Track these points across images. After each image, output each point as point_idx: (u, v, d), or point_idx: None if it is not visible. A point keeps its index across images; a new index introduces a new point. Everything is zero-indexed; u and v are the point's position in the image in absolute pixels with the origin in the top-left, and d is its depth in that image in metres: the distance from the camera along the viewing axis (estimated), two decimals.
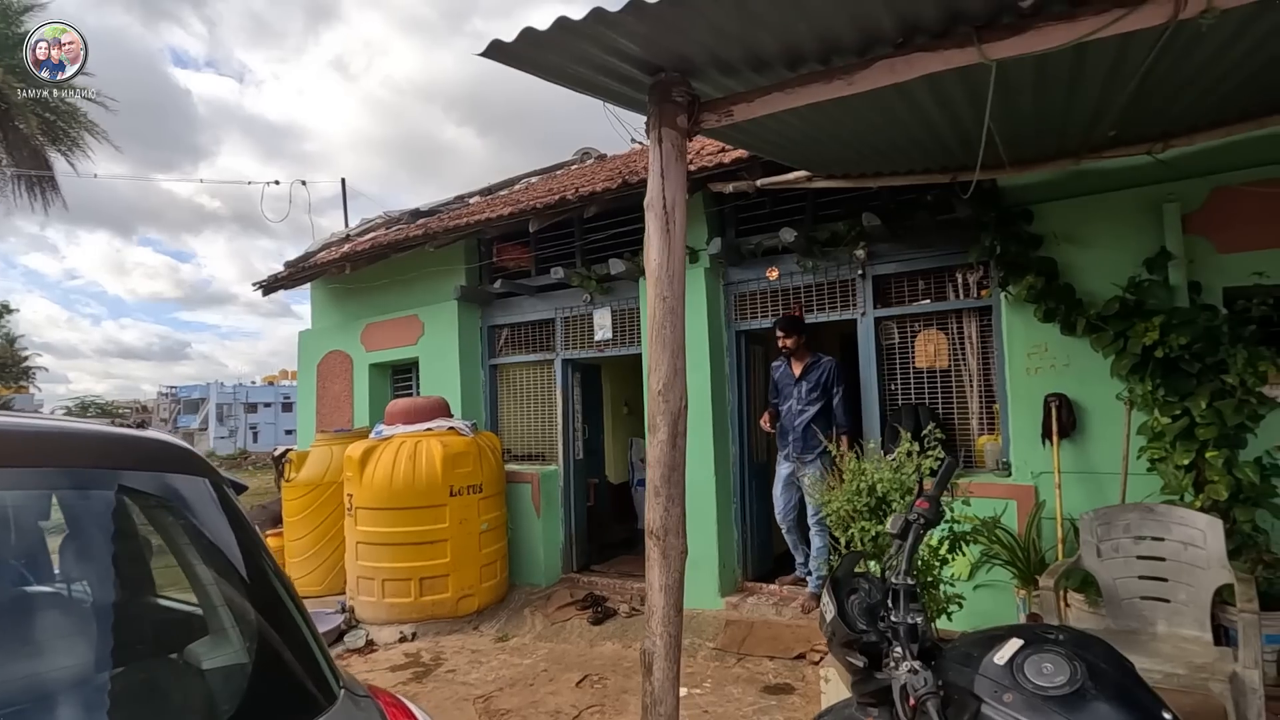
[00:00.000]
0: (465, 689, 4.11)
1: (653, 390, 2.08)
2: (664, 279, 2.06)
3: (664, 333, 2.06)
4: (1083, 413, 4.03)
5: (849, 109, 2.42)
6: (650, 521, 2.07)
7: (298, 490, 6.07)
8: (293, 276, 7.42)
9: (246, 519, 1.22)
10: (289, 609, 1.12)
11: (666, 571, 2.02)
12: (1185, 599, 2.86)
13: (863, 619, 1.87)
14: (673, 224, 2.04)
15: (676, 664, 2.04)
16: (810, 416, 4.77)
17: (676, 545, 2.05)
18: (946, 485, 2.08)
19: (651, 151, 2.07)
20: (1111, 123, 2.98)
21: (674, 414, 2.07)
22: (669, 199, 2.03)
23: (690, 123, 2.09)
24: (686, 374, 2.17)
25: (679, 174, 2.06)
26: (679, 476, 2.08)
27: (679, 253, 2.08)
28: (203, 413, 60.90)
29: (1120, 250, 3.95)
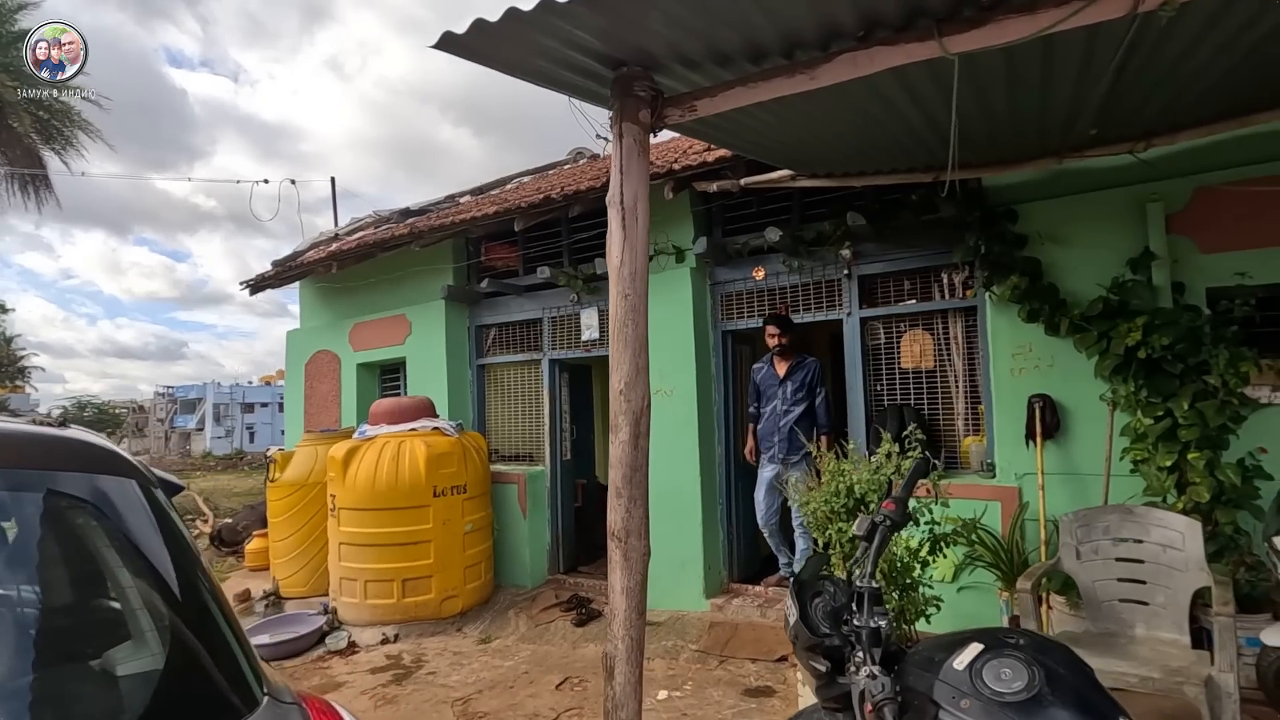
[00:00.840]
0: (444, 691, 4.07)
1: (614, 389, 2.05)
2: (626, 277, 2.03)
3: (626, 331, 2.03)
4: (1066, 414, 4.00)
5: (822, 107, 2.40)
6: (612, 523, 2.04)
7: (282, 491, 6.03)
8: (280, 276, 7.38)
9: (175, 521, 1.19)
10: (213, 613, 1.09)
11: (628, 574, 1.99)
12: (1163, 601, 2.84)
13: (826, 622, 1.84)
14: (634, 221, 2.01)
15: (639, 668, 2.01)
16: (795, 417, 4.76)
17: (638, 547, 2.02)
18: (914, 487, 2.05)
19: (613, 147, 2.04)
20: (1090, 121, 2.95)
21: (636, 413, 2.04)
22: (630, 196, 1.99)
23: (653, 118, 2.06)
24: (649, 374, 2.13)
25: (641, 170, 2.03)
26: (641, 477, 2.05)
27: (641, 250, 2.05)
28: (199, 413, 60.81)
29: (1104, 250, 3.93)
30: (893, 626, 1.78)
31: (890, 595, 3.15)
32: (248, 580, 6.78)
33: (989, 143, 3.34)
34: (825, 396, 4.85)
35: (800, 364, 4.88)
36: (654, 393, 5.38)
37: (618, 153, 2.02)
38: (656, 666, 4.25)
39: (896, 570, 3.12)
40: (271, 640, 4.87)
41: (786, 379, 4.86)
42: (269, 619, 5.36)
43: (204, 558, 1.31)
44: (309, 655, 4.82)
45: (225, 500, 14.76)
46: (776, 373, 4.91)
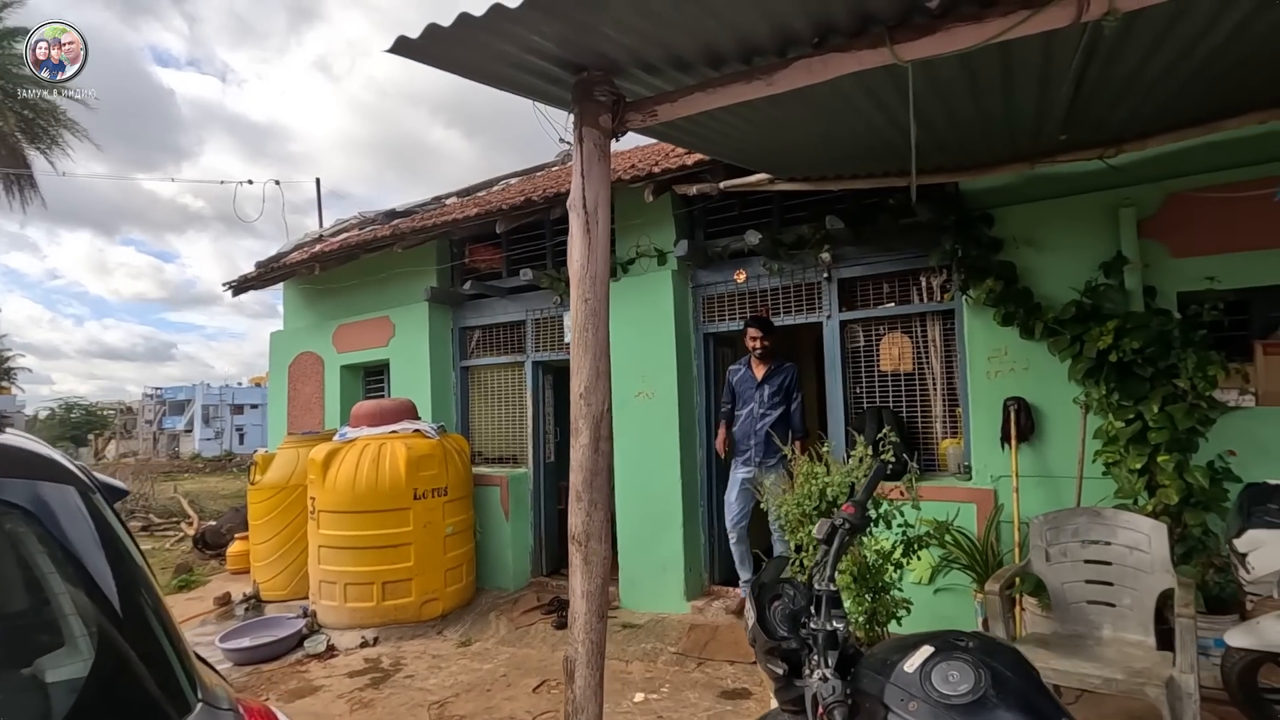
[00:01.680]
0: (421, 695, 4.06)
1: (574, 393, 2.06)
2: (586, 281, 2.03)
3: (586, 335, 2.03)
4: (1041, 416, 4.04)
5: (788, 113, 2.41)
6: (573, 527, 2.04)
7: (263, 493, 6.00)
8: (262, 277, 7.35)
9: (115, 526, 1.18)
10: (148, 619, 1.09)
11: (589, 577, 1.99)
12: (1130, 603, 2.86)
13: (784, 625, 1.85)
14: (595, 225, 2.01)
15: (599, 671, 2.01)
16: (771, 421, 4.74)
17: (599, 551, 2.02)
18: (874, 490, 2.06)
19: (574, 151, 2.04)
20: (1059, 126, 2.98)
21: (596, 418, 2.04)
22: (591, 200, 2.00)
23: (615, 122, 2.07)
24: (610, 378, 2.13)
25: (602, 174, 2.04)
26: (602, 481, 2.06)
27: (602, 255, 2.06)
28: (188, 414, 60.40)
29: (1078, 254, 3.97)
30: (851, 630, 1.79)
31: (863, 598, 3.17)
32: (229, 583, 6.75)
33: (960, 148, 3.36)
34: (801, 402, 4.84)
35: (779, 368, 4.85)
36: (635, 395, 5.44)
37: (578, 157, 2.02)
38: (635, 669, 4.25)
39: (869, 573, 3.14)
40: (251, 644, 4.85)
41: (764, 382, 4.84)
42: (248, 622, 5.33)
43: (146, 562, 1.31)
44: (287, 659, 4.79)
45: (211, 502, 14.65)
46: (754, 375, 4.90)
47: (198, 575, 7.23)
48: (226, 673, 4.57)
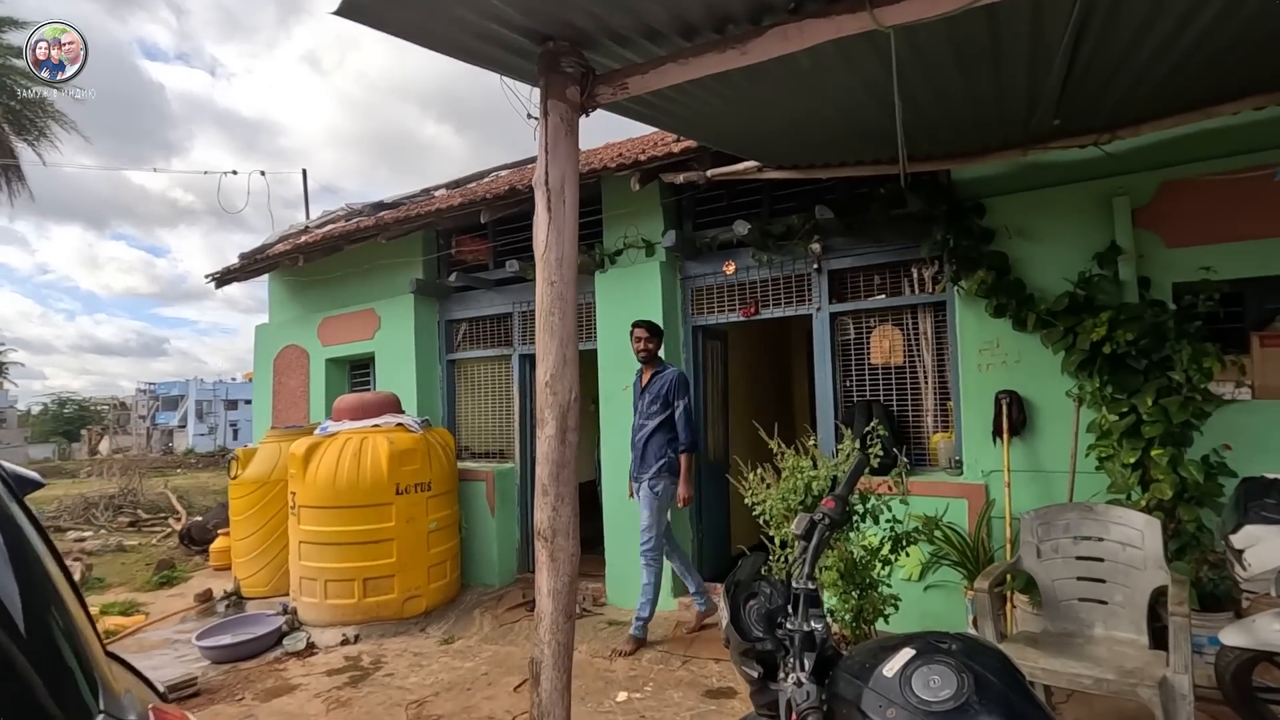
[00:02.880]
0: (400, 693, 3.97)
1: (540, 381, 1.96)
2: (552, 263, 1.94)
3: (552, 320, 1.94)
4: (1033, 410, 3.96)
5: (769, 90, 2.31)
6: (539, 522, 1.95)
7: (244, 488, 5.90)
8: (245, 269, 7.22)
9: (17, 518, 1.09)
10: (49, 623, 0.99)
11: (555, 575, 1.90)
12: (1122, 600, 2.79)
13: (760, 625, 1.76)
14: (561, 204, 1.91)
15: (567, 673, 1.92)
16: (648, 432, 4.39)
17: (566, 548, 1.93)
18: (855, 484, 1.98)
19: (540, 126, 1.95)
20: (1052, 110, 2.89)
21: (563, 407, 1.95)
22: (557, 177, 1.90)
23: (584, 96, 1.97)
24: (578, 365, 2.04)
25: (569, 150, 1.94)
26: (569, 474, 1.96)
27: (569, 235, 1.96)
28: (182, 410, 60.14)
29: (1071, 245, 3.88)
30: (831, 631, 1.71)
31: (849, 595, 3.09)
32: (211, 580, 6.65)
33: (952, 133, 3.28)
34: (686, 410, 4.38)
35: (660, 373, 4.48)
36: (622, 389, 5.34)
37: (543, 132, 1.92)
38: (618, 667, 4.17)
39: (855, 569, 3.06)
40: (228, 642, 4.75)
41: (645, 389, 4.51)
42: (227, 620, 5.23)
43: (61, 561, 1.21)
44: (266, 657, 4.70)
45: (201, 498, 14.52)
46: (640, 382, 4.61)
47: (180, 571, 7.12)
48: (204, 671, 4.48)
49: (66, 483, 19.93)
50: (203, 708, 3.96)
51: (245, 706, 3.94)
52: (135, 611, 5.93)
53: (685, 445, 4.40)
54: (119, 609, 5.91)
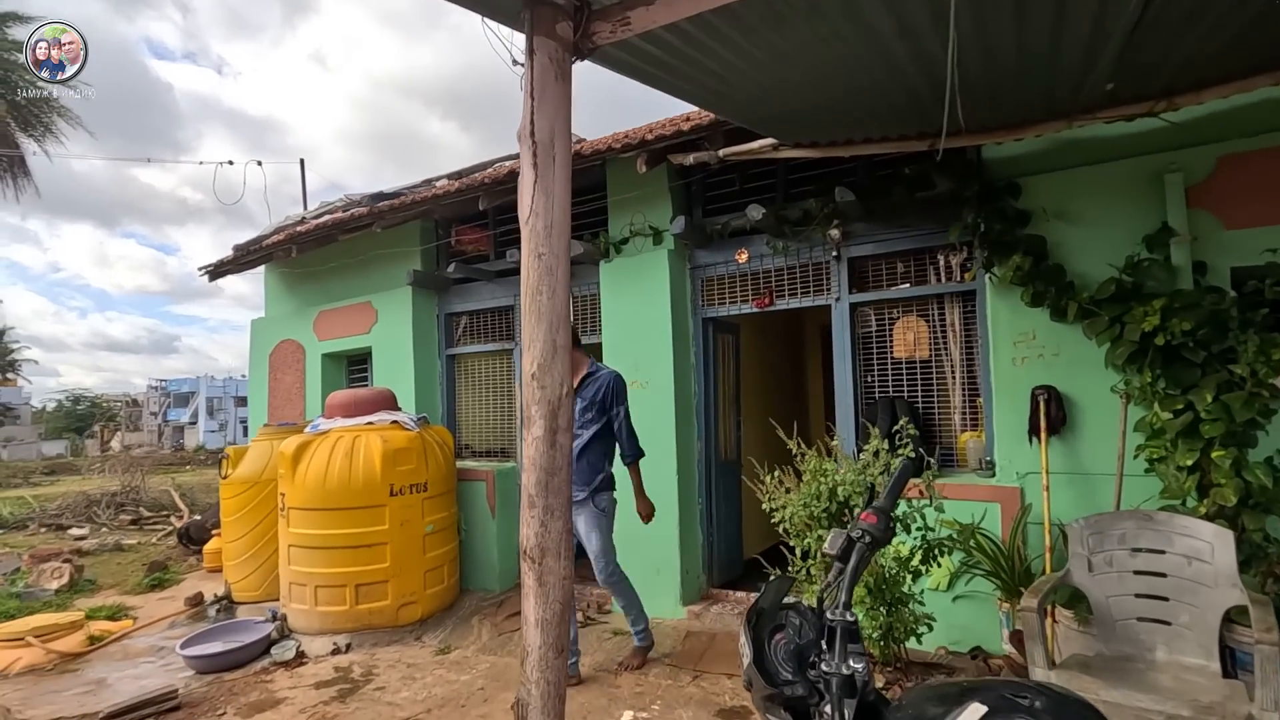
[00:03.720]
0: (390, 710, 3.71)
1: (526, 373, 1.68)
2: (539, 231, 1.65)
3: (539, 300, 1.65)
4: (1074, 407, 3.64)
5: (796, 40, 2.02)
6: (524, 539, 1.67)
7: (235, 488, 5.66)
8: (239, 260, 6.98)
9: None
10: None
11: (544, 603, 1.62)
12: (1189, 621, 2.48)
13: (789, 665, 1.47)
14: (550, 160, 1.63)
15: (559, 717, 1.65)
16: (584, 442, 3.81)
17: (557, 570, 1.65)
18: (900, 494, 1.68)
19: (525, 69, 1.66)
20: (1107, 72, 2.58)
21: (552, 403, 1.67)
22: (544, 129, 1.61)
23: (578, 34, 1.68)
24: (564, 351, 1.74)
25: (559, 98, 1.65)
26: (560, 483, 1.68)
27: (560, 198, 1.67)
28: (193, 406, 60.35)
29: (1117, 227, 3.57)
30: (872, 671, 1.42)
31: (877, 611, 2.79)
32: (204, 582, 6.43)
33: (989, 102, 2.96)
34: (625, 417, 3.87)
35: (592, 376, 3.90)
36: (628, 384, 5.05)
37: (529, 75, 1.64)
38: (624, 682, 3.89)
39: (884, 583, 2.76)
40: (213, 651, 4.51)
41: (577, 394, 3.86)
42: (214, 626, 4.99)
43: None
44: (253, 667, 4.45)
45: (206, 495, 14.34)
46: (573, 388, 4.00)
47: (173, 573, 6.90)
48: (187, 682, 4.24)
49: (76, 479, 19.87)
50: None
51: None
52: (123, 616, 5.71)
53: (631, 456, 3.93)
54: (106, 613, 5.69)
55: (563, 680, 1.67)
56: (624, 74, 2.05)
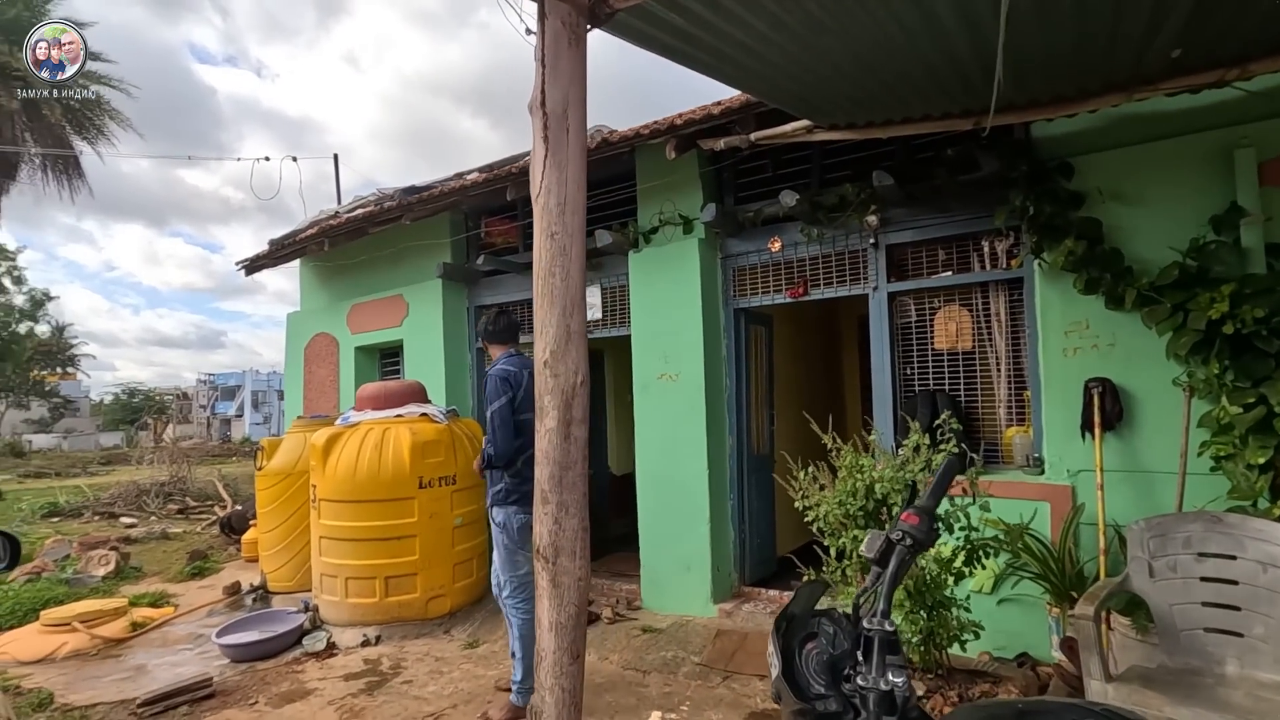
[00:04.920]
0: (416, 705, 3.69)
1: (539, 359, 1.59)
2: (552, 209, 1.55)
3: (552, 282, 1.56)
4: (1131, 401, 3.42)
5: (831, 4, 1.88)
6: (538, 538, 1.58)
7: (269, 480, 5.72)
8: (273, 255, 7.07)
9: None
10: None
11: (559, 606, 1.53)
12: (1264, 633, 2.28)
13: (822, 677, 1.35)
14: (563, 133, 1.52)
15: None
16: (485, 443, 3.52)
17: (573, 570, 1.55)
18: (944, 493, 1.55)
19: (537, 36, 1.55)
20: (1174, 37, 2.37)
21: (567, 393, 1.57)
22: (558, 99, 1.51)
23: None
24: (585, 342, 1.64)
25: (574, 66, 1.54)
26: (575, 478, 1.59)
27: (575, 173, 1.57)
28: (239, 399, 62.23)
29: (1180, 208, 3.32)
30: (912, 684, 1.30)
31: (917, 615, 2.64)
32: (242, 571, 6.54)
33: (1043, 74, 2.76)
34: (493, 416, 3.42)
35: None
36: (657, 378, 4.94)
37: (540, 41, 1.53)
38: (652, 682, 3.80)
39: (925, 586, 2.61)
40: (246, 640, 4.56)
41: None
42: (249, 616, 5.06)
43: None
44: (284, 657, 4.49)
45: (249, 486, 14.70)
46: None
47: (213, 562, 7.05)
48: (221, 670, 4.29)
49: (130, 469, 20.63)
50: (215, 711, 3.76)
51: (256, 712, 3.72)
52: (165, 603, 5.84)
53: (481, 461, 3.50)
54: (149, 600, 5.83)
55: (579, 687, 1.58)
56: (644, 46, 1.93)
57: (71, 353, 48.65)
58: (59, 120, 19.05)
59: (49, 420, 46.09)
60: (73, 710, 3.81)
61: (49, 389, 41.01)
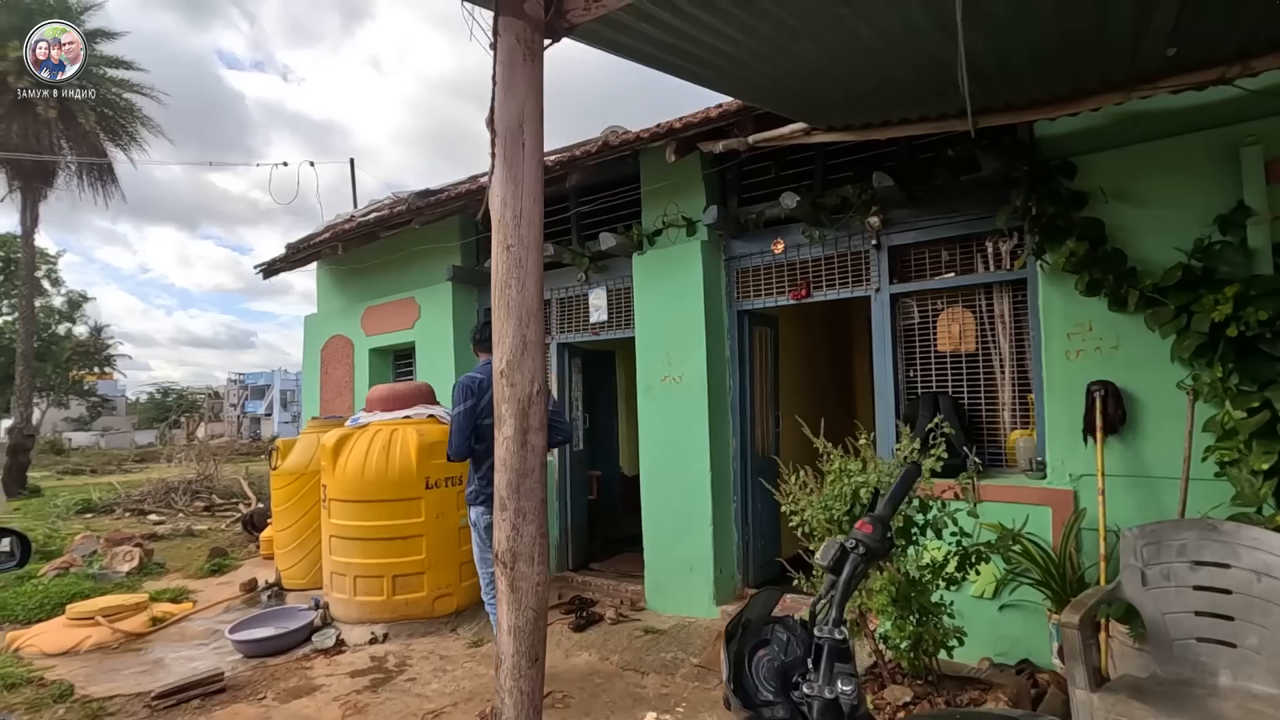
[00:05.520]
0: (418, 702, 3.75)
1: (496, 369, 1.61)
2: (508, 222, 1.58)
3: (509, 294, 1.58)
4: (1134, 404, 3.35)
5: (799, 11, 1.88)
6: (496, 543, 1.61)
7: (283, 479, 5.85)
8: (289, 258, 7.23)
9: None
10: None
11: (517, 610, 1.56)
12: (1257, 644, 2.23)
13: (769, 685, 1.37)
14: (518, 149, 1.55)
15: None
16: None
17: (530, 575, 1.58)
18: (900, 502, 1.55)
19: (493, 53, 1.58)
20: (1164, 34, 2.32)
21: (523, 401, 1.59)
22: (512, 116, 1.54)
23: (549, 13, 1.59)
24: (536, 347, 1.66)
25: (529, 81, 1.57)
26: (533, 485, 1.61)
27: (530, 187, 1.59)
28: (268, 398, 63.51)
29: (1185, 207, 3.26)
30: (862, 693, 1.30)
31: (906, 621, 2.63)
32: (259, 569, 6.69)
33: (1033, 75, 2.73)
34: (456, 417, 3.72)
35: None
36: (661, 379, 4.96)
37: (495, 58, 1.56)
38: (650, 683, 3.83)
39: (913, 589, 2.60)
40: (258, 636, 4.67)
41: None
42: (262, 612, 5.18)
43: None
44: (295, 653, 4.59)
45: None
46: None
47: (232, 559, 7.22)
48: (233, 666, 4.41)
49: (161, 467, 21.18)
50: (224, 705, 3.86)
51: (264, 707, 3.81)
52: (185, 599, 5.99)
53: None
54: (169, 596, 5.99)
55: (537, 691, 1.60)
56: (620, 55, 1.95)
57: (108, 353, 50.03)
58: (93, 128, 19.64)
59: (87, 419, 47.48)
60: (91, 702, 3.94)
61: (87, 388, 42.25)
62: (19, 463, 15.40)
